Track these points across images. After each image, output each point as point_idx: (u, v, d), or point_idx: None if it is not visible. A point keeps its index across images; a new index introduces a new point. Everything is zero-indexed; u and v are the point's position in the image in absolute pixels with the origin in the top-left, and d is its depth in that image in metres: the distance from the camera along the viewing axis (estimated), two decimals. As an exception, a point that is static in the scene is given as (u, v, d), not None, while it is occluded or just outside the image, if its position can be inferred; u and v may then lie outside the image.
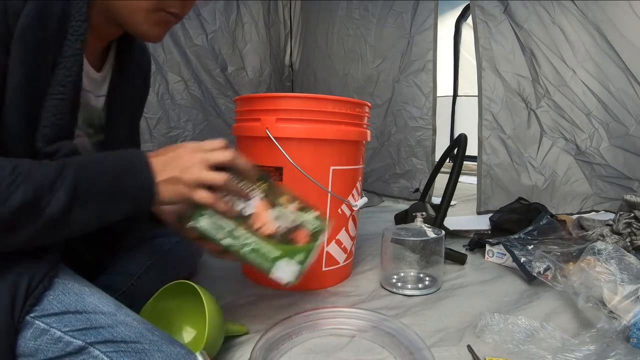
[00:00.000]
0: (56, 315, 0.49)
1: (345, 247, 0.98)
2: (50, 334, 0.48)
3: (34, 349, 0.48)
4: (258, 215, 0.61)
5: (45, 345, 0.48)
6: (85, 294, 0.52)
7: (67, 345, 0.48)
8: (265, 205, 0.62)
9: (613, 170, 1.49)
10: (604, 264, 0.80)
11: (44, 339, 0.48)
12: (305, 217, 0.64)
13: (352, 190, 0.96)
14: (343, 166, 0.92)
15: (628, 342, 0.69)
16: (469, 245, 1.25)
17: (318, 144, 0.88)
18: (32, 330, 0.48)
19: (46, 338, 0.48)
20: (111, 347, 0.48)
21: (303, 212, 0.64)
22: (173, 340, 0.53)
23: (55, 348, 0.48)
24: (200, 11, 2.00)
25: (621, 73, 1.41)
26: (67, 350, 0.47)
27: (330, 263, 0.96)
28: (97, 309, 0.51)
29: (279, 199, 0.63)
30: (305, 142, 0.87)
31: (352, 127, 0.92)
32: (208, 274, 1.02)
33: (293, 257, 0.61)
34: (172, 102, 1.95)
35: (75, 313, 0.49)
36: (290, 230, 0.63)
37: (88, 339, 0.48)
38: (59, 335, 0.48)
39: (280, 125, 0.85)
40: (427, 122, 1.91)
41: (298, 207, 0.64)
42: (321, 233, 0.65)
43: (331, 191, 0.90)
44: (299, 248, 0.62)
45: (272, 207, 0.62)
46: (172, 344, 0.52)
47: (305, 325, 0.73)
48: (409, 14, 1.88)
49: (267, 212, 0.62)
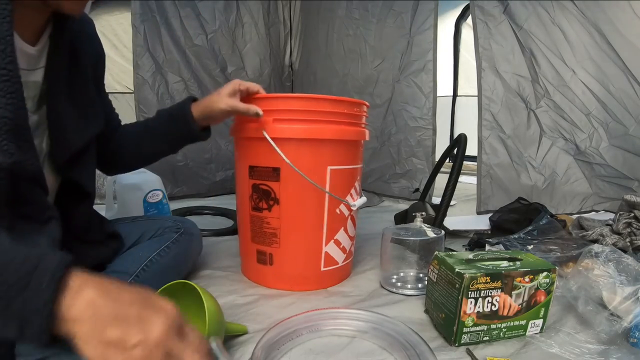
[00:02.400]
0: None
1: (345, 247, 0.98)
2: None
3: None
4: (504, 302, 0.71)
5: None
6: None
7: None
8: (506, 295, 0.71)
9: (613, 170, 1.49)
10: (602, 267, 0.80)
11: None
12: (539, 280, 0.72)
13: (350, 190, 0.96)
14: (341, 166, 0.92)
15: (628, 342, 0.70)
16: (468, 245, 1.25)
17: (315, 144, 0.88)
18: None
19: None
20: None
21: (536, 277, 0.72)
22: None
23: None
24: (200, 11, 2.00)
25: (621, 73, 1.41)
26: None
27: (329, 263, 0.96)
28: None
29: (515, 281, 0.71)
30: (303, 142, 0.87)
31: (350, 126, 0.92)
32: (208, 274, 1.02)
33: (538, 317, 0.74)
34: (172, 102, 1.95)
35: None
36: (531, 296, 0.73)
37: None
38: None
39: (278, 126, 0.85)
40: (427, 122, 1.91)
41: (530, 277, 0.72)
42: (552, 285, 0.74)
43: (329, 191, 0.90)
44: (540, 305, 0.74)
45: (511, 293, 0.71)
46: None
47: (306, 326, 0.73)
48: (409, 14, 1.88)
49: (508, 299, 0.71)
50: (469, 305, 0.69)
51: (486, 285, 0.68)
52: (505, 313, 0.71)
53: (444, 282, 0.73)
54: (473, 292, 0.68)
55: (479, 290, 0.68)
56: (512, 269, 0.71)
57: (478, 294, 0.69)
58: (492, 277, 0.69)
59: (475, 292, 0.68)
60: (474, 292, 0.68)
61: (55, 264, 0.35)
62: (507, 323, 0.72)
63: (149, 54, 1.88)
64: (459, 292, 0.68)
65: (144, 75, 1.88)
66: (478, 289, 0.68)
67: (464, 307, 0.68)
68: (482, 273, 0.68)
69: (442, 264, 0.75)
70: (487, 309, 0.70)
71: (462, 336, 0.70)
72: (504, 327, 0.72)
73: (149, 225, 0.92)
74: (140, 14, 1.84)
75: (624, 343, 0.70)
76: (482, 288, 0.68)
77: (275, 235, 0.91)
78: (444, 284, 0.73)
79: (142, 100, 1.89)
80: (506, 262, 0.74)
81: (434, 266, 0.78)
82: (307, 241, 0.94)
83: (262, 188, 0.90)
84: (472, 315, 0.69)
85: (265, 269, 0.95)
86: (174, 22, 1.94)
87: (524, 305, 0.72)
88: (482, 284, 0.68)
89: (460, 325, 0.69)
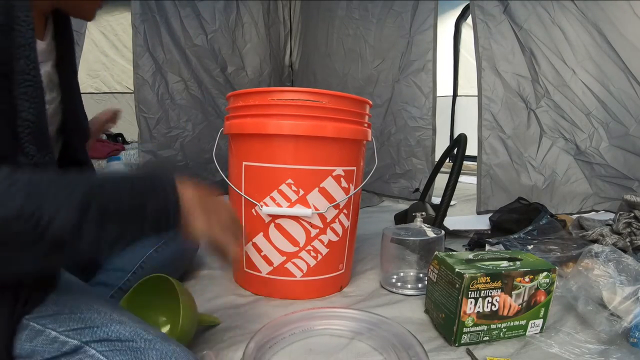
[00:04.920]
0: (51, 317, 0.49)
1: (267, 256, 0.88)
2: (46, 334, 0.48)
3: (30, 351, 0.48)
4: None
5: (42, 346, 0.48)
6: (79, 294, 0.53)
7: (62, 345, 0.48)
8: (506, 295, 0.71)
9: (613, 170, 1.49)
10: (602, 267, 0.80)
11: (39, 340, 0.48)
12: (539, 280, 0.72)
13: (271, 192, 0.84)
14: (255, 162, 0.85)
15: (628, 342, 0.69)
16: (468, 245, 1.25)
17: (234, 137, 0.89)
18: (27, 331, 0.48)
19: (42, 339, 0.48)
20: (107, 345, 0.48)
21: (536, 277, 0.72)
22: (168, 339, 0.53)
23: (51, 348, 0.48)
24: (200, 11, 2.00)
25: (621, 73, 1.41)
26: (63, 350, 0.48)
27: (251, 267, 0.91)
28: (92, 308, 0.51)
29: (516, 281, 0.71)
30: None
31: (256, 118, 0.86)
32: (206, 274, 1.02)
33: (538, 317, 0.74)
34: (172, 102, 1.95)
35: (69, 313, 0.50)
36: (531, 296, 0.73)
37: (84, 338, 0.48)
38: (54, 336, 0.48)
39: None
40: (427, 122, 1.91)
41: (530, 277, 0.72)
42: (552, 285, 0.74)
43: (245, 188, 0.85)
44: (540, 305, 0.74)
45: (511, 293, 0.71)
46: (167, 342, 0.52)
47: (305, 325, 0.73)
48: (409, 14, 1.88)
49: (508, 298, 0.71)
50: (469, 305, 0.69)
51: (486, 285, 0.68)
52: (505, 313, 0.71)
53: (444, 282, 0.73)
54: (473, 292, 0.68)
55: (479, 290, 0.68)
56: (512, 269, 0.71)
57: (478, 294, 0.68)
58: (492, 277, 0.69)
59: (475, 292, 0.68)
60: (474, 292, 0.68)
61: (170, 175, 0.50)
62: (507, 323, 0.72)
63: (149, 54, 1.89)
64: (459, 292, 0.68)
65: (144, 75, 1.88)
66: (478, 289, 0.68)
67: (464, 307, 0.68)
68: (482, 273, 0.68)
69: (442, 264, 0.75)
70: (487, 309, 0.70)
71: (462, 336, 0.70)
72: (504, 327, 0.72)
73: None
74: (140, 14, 1.85)
75: (624, 343, 0.70)
76: (482, 288, 0.68)
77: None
78: (444, 284, 0.73)
79: (142, 100, 1.89)
80: (506, 262, 0.74)
81: (434, 266, 0.78)
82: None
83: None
84: (472, 315, 0.69)
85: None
86: (174, 22, 1.94)
87: (524, 305, 0.72)
88: (482, 284, 0.68)
89: (460, 325, 0.69)
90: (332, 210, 0.88)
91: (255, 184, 0.86)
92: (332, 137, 0.84)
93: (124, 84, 2.04)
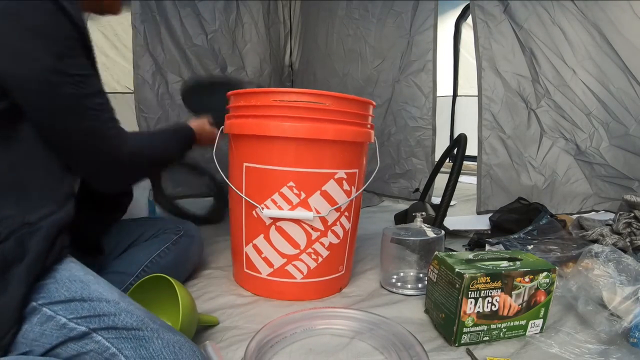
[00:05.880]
0: (62, 303, 0.51)
1: (267, 258, 0.88)
2: (56, 320, 0.50)
3: (39, 334, 0.50)
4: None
5: (50, 331, 0.50)
6: (90, 282, 0.55)
7: (70, 331, 0.50)
8: (506, 295, 0.71)
9: (613, 170, 1.49)
10: (602, 267, 0.80)
11: (49, 325, 0.50)
12: (539, 280, 0.73)
13: (272, 195, 0.83)
14: (256, 164, 0.84)
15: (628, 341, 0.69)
16: (468, 245, 1.25)
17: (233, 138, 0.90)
18: (39, 316, 0.50)
19: (51, 324, 0.50)
20: (113, 333, 0.50)
21: (536, 277, 0.72)
22: (173, 329, 0.55)
23: (59, 333, 0.50)
24: (200, 11, 2.00)
25: (621, 73, 1.41)
26: (70, 335, 0.50)
27: (251, 267, 0.91)
28: (102, 296, 0.53)
29: (515, 281, 0.71)
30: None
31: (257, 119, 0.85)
32: (208, 274, 1.02)
33: (538, 317, 0.75)
34: (171, 102, 1.95)
35: (80, 301, 0.52)
36: (531, 296, 0.73)
37: (92, 325, 0.50)
38: (64, 322, 0.50)
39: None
40: (427, 122, 1.91)
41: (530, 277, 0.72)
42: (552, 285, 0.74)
43: (245, 190, 0.85)
44: (540, 305, 0.74)
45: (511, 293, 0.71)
46: (172, 332, 0.54)
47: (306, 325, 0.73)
48: (409, 14, 1.87)
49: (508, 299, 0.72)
50: (469, 305, 0.69)
51: (486, 285, 0.68)
52: (505, 313, 0.71)
53: (444, 282, 0.73)
54: (473, 292, 0.68)
55: (479, 290, 0.68)
56: (512, 269, 0.71)
57: (478, 294, 0.69)
58: (492, 277, 0.69)
59: (475, 292, 0.68)
60: (474, 292, 0.68)
61: (188, 125, 0.94)
62: (507, 323, 0.72)
63: (149, 54, 1.88)
64: (459, 292, 0.68)
65: (144, 75, 1.88)
66: (478, 289, 0.68)
67: (464, 307, 0.68)
68: (482, 273, 0.68)
69: (442, 264, 0.75)
70: (487, 309, 0.70)
71: (462, 336, 0.70)
72: (504, 327, 0.72)
73: (149, 226, 0.93)
74: (140, 14, 1.84)
75: (624, 343, 0.70)
76: (482, 288, 0.68)
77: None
78: (444, 284, 0.73)
79: (142, 100, 1.89)
80: (506, 262, 0.74)
81: (434, 266, 0.78)
82: (235, 237, 0.93)
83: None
84: (472, 315, 0.69)
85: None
86: (174, 22, 1.94)
87: (524, 305, 0.72)
88: (482, 284, 0.68)
89: (460, 325, 0.69)
90: (334, 213, 0.87)
91: (256, 186, 0.86)
92: (335, 139, 0.83)
93: (123, 84, 2.04)
